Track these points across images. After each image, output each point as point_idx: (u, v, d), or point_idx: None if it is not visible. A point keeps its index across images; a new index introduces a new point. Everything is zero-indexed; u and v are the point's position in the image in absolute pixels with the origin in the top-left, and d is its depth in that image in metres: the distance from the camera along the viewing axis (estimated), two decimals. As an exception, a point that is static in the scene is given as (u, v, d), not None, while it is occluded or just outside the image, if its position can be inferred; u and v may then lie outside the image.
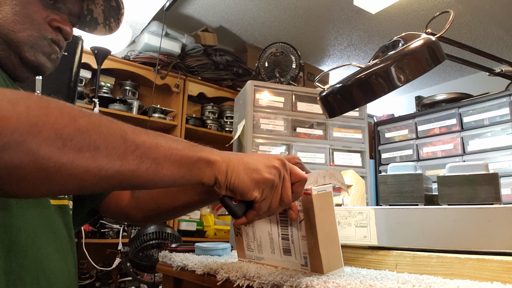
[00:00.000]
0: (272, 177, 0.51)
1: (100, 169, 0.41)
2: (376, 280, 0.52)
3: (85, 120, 0.41)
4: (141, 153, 0.44)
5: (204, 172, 0.49)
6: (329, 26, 2.98)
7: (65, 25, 0.68)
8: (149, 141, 0.45)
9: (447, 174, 0.67)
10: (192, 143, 0.50)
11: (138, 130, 0.45)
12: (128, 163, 0.43)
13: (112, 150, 0.42)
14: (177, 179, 0.47)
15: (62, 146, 0.38)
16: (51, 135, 0.38)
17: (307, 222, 0.58)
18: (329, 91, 0.73)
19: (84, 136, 0.40)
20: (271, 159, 0.54)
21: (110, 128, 0.42)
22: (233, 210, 0.53)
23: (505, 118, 2.03)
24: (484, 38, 3.02)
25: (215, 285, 0.65)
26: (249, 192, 0.51)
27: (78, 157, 0.39)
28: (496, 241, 0.54)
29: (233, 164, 0.51)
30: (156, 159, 0.45)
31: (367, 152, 1.88)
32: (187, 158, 0.47)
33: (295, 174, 0.56)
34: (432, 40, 0.68)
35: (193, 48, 2.83)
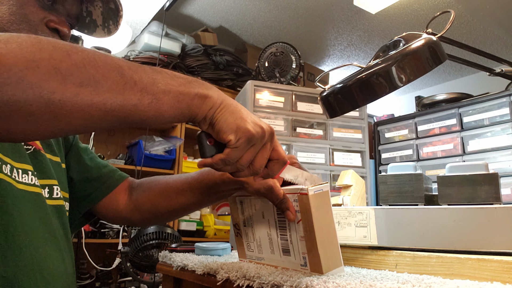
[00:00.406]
0: (253, 132, 0.50)
1: (105, 103, 0.41)
2: (376, 280, 0.52)
3: (79, 55, 0.40)
4: (141, 89, 0.43)
5: (200, 108, 0.49)
6: (329, 26, 2.98)
7: (63, 26, 0.68)
8: (146, 78, 0.44)
9: (447, 174, 0.67)
10: (190, 79, 0.49)
11: (134, 66, 0.45)
12: (130, 97, 0.42)
13: (112, 85, 0.41)
14: (177, 115, 0.47)
15: (63, 80, 0.38)
16: (49, 69, 0.38)
17: (304, 223, 0.58)
18: (330, 91, 0.73)
19: (82, 71, 0.39)
20: (262, 122, 0.53)
21: (106, 64, 0.42)
22: (204, 147, 0.52)
23: (505, 118, 2.03)
24: (484, 38, 3.02)
25: (215, 285, 0.65)
26: (226, 132, 0.50)
27: (81, 91, 0.39)
28: (496, 241, 0.54)
29: (226, 103, 0.50)
30: (156, 94, 0.44)
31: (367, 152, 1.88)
32: (184, 94, 0.47)
33: (277, 152, 0.55)
34: (433, 40, 0.68)
35: (193, 48, 2.83)
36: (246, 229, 0.71)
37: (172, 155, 2.57)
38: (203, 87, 0.49)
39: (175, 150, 2.59)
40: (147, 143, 2.48)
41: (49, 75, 0.37)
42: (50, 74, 0.37)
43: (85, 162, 0.82)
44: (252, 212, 0.69)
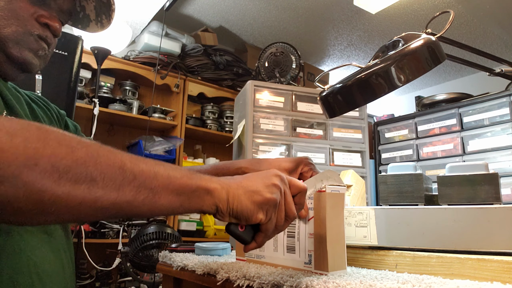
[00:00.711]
0: (273, 196, 0.51)
1: (96, 201, 0.41)
2: (376, 280, 0.52)
3: (83, 151, 0.40)
4: (139, 184, 0.43)
5: (204, 200, 0.48)
6: (329, 26, 2.98)
7: (53, 21, 0.67)
8: (147, 171, 0.44)
9: (447, 174, 0.67)
10: (192, 171, 0.49)
11: (137, 160, 0.44)
12: (124, 194, 0.42)
13: (109, 182, 0.41)
14: (175, 208, 0.47)
15: (58, 179, 0.38)
16: (47, 167, 0.38)
17: (317, 220, 0.59)
18: (329, 91, 0.73)
19: (81, 168, 0.39)
20: (269, 177, 0.53)
21: (108, 159, 0.42)
22: (241, 237, 0.52)
23: (505, 118, 2.03)
24: (484, 38, 3.02)
25: (215, 285, 0.65)
26: (253, 215, 0.50)
27: (74, 189, 0.39)
28: (496, 241, 0.54)
29: (233, 189, 0.50)
30: (154, 189, 0.44)
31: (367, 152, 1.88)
32: (185, 186, 0.47)
33: (295, 185, 0.56)
34: (432, 40, 0.68)
35: (193, 48, 2.83)
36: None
37: (172, 155, 2.57)
38: (205, 178, 0.49)
39: (175, 150, 2.59)
40: (147, 143, 2.48)
41: (46, 173, 0.38)
42: (47, 173, 0.38)
43: None
44: None
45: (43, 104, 0.81)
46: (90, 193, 0.40)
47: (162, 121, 2.62)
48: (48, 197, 0.38)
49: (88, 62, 2.35)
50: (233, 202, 0.49)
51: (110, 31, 2.18)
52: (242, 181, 0.52)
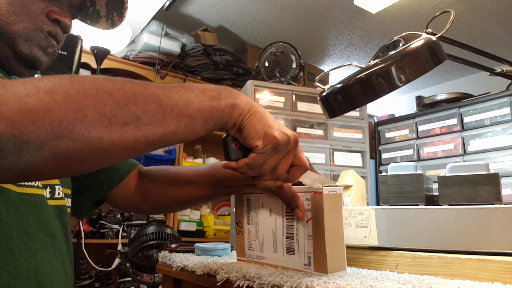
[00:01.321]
0: (279, 139, 0.52)
1: (147, 136, 0.44)
2: (376, 280, 0.52)
3: (120, 93, 0.42)
4: (177, 114, 0.46)
5: (229, 117, 0.51)
6: (329, 25, 2.98)
7: (64, 17, 0.65)
8: (181, 101, 0.47)
9: (447, 174, 0.67)
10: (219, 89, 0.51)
11: (169, 91, 0.47)
12: (168, 125, 0.45)
13: (152, 117, 0.44)
14: (210, 128, 0.50)
15: (108, 124, 0.41)
16: (96, 116, 0.40)
17: (315, 221, 0.58)
18: (330, 91, 0.73)
19: (125, 110, 0.42)
20: (287, 129, 0.55)
21: (145, 97, 0.44)
22: (230, 151, 0.54)
23: (505, 118, 2.03)
24: (484, 37, 3.02)
25: (215, 285, 0.65)
26: (254, 138, 0.52)
27: (125, 130, 0.42)
28: (497, 242, 0.54)
29: (254, 110, 0.52)
30: (191, 115, 0.47)
31: (368, 152, 1.88)
32: (216, 107, 0.49)
33: (300, 158, 0.57)
34: (432, 40, 0.67)
35: (193, 48, 2.83)
36: (250, 227, 0.71)
37: (172, 155, 2.57)
38: (232, 95, 0.51)
39: (175, 150, 2.60)
40: (147, 143, 2.48)
41: (96, 121, 0.40)
42: (97, 121, 0.40)
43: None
44: (258, 209, 0.69)
45: None
46: (140, 130, 0.43)
47: (162, 121, 2.61)
48: (106, 142, 0.41)
49: (87, 61, 2.34)
50: (248, 118, 0.52)
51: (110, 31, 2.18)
52: (266, 111, 0.54)
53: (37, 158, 0.38)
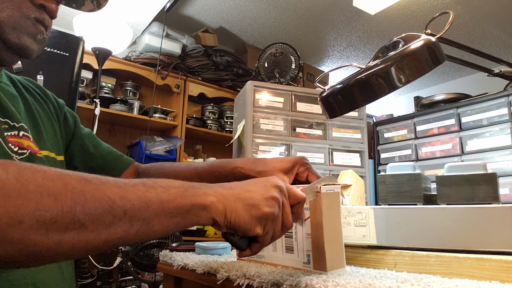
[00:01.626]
0: (272, 210, 0.50)
1: (87, 244, 0.39)
2: (375, 279, 0.53)
3: (68, 197, 0.38)
4: (130, 218, 0.41)
5: (200, 216, 0.47)
6: (329, 27, 2.98)
7: (50, 2, 0.63)
8: (138, 203, 0.42)
9: (445, 174, 0.68)
10: (186, 186, 0.47)
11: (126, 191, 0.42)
12: (116, 231, 0.41)
13: (98, 223, 0.39)
14: (170, 229, 0.45)
15: (46, 232, 0.37)
16: (33, 223, 0.36)
17: (313, 220, 0.59)
18: (330, 92, 0.74)
19: (68, 216, 0.38)
20: (268, 188, 0.52)
21: (95, 200, 0.39)
22: (237, 244, 0.52)
23: (503, 118, 2.04)
24: (482, 38, 3.03)
25: (215, 284, 0.66)
26: (251, 229, 0.49)
27: (64, 238, 0.38)
28: (495, 241, 0.54)
29: (230, 202, 0.49)
30: (146, 218, 0.42)
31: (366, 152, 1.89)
32: (179, 207, 0.45)
33: (294, 196, 0.55)
34: (432, 41, 0.68)
35: (194, 49, 2.83)
36: None
37: (172, 155, 2.58)
38: (200, 192, 0.47)
39: (176, 150, 2.60)
40: (147, 143, 2.48)
41: (32, 229, 0.36)
42: (33, 228, 0.36)
43: (89, 150, 0.80)
44: None
45: (39, 94, 0.77)
46: (80, 238, 0.39)
47: (163, 121, 2.62)
48: (39, 249, 0.37)
49: (89, 62, 2.35)
50: (230, 215, 0.48)
51: (111, 31, 2.18)
52: (241, 192, 0.50)
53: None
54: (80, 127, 0.83)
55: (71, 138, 0.80)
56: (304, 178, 0.69)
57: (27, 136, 0.65)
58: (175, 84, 2.70)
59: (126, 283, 2.24)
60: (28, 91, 0.74)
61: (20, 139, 0.63)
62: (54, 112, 0.78)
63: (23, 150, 0.64)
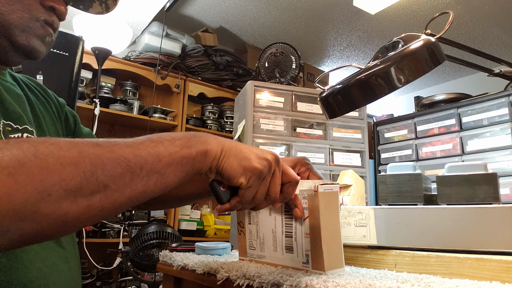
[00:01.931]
0: (260, 167, 0.51)
1: (114, 203, 0.42)
2: (375, 279, 0.53)
3: (86, 162, 0.39)
4: (146, 172, 0.44)
5: (203, 163, 0.50)
6: (329, 26, 2.98)
7: (59, 4, 0.63)
8: (150, 158, 0.45)
9: (446, 174, 0.68)
10: (189, 136, 0.50)
11: (137, 148, 0.44)
12: (136, 187, 0.43)
13: (120, 182, 0.42)
14: (183, 177, 0.48)
15: (74, 198, 0.38)
16: (61, 193, 0.37)
17: (311, 219, 0.59)
18: (329, 92, 0.74)
19: (92, 180, 0.39)
20: (265, 152, 0.54)
21: (113, 161, 0.41)
22: (219, 194, 0.54)
23: (504, 118, 2.04)
24: (483, 38, 3.03)
25: (215, 284, 0.65)
26: (236, 177, 0.51)
27: (91, 201, 0.40)
28: (495, 241, 0.54)
29: (226, 149, 0.51)
30: (160, 171, 0.45)
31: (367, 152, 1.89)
32: (187, 156, 0.48)
33: (287, 174, 0.56)
34: (432, 41, 0.68)
35: (193, 49, 2.83)
36: (251, 226, 0.71)
37: (172, 155, 2.58)
38: (201, 140, 0.50)
39: (175, 150, 2.60)
40: (147, 143, 2.48)
41: (61, 199, 0.37)
42: (62, 198, 0.37)
43: None
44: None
45: (41, 93, 0.77)
46: (107, 198, 0.41)
47: (163, 121, 2.62)
48: (71, 217, 0.38)
49: (89, 62, 2.35)
50: (222, 159, 0.51)
51: (111, 31, 2.18)
52: (238, 145, 0.53)
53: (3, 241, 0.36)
54: (80, 127, 0.83)
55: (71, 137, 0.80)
56: (305, 178, 0.69)
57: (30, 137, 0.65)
58: (175, 84, 2.70)
59: (126, 283, 2.24)
60: (31, 90, 0.74)
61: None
62: (56, 111, 0.78)
63: None
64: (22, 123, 0.65)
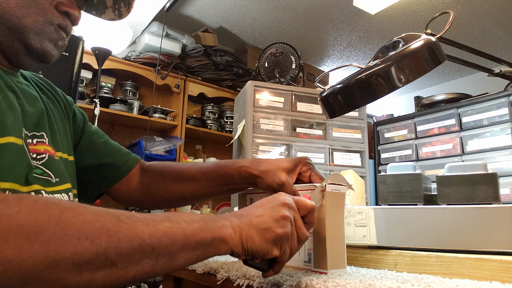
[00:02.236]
0: (285, 230, 0.50)
1: (116, 280, 0.41)
2: (375, 279, 0.53)
3: (103, 239, 0.39)
4: (157, 254, 0.43)
5: (219, 249, 0.49)
6: (329, 26, 2.98)
7: (73, 9, 0.64)
8: (165, 239, 0.44)
9: (446, 174, 0.68)
10: (207, 219, 0.49)
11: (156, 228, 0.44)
12: (143, 267, 0.42)
13: (128, 261, 0.41)
14: (192, 262, 0.47)
15: (79, 273, 0.38)
16: (69, 266, 0.37)
17: (316, 218, 0.59)
18: (330, 92, 0.74)
19: (102, 257, 0.39)
20: (277, 208, 0.52)
21: (127, 240, 0.41)
22: (259, 267, 0.53)
23: (504, 118, 2.04)
24: (483, 38, 3.03)
25: (215, 284, 0.65)
26: (269, 253, 0.50)
27: (96, 276, 0.39)
28: (495, 241, 0.54)
29: (245, 231, 0.50)
30: (171, 254, 0.44)
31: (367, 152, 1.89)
32: (202, 241, 0.47)
33: (303, 207, 0.55)
34: (432, 40, 0.68)
35: (193, 49, 2.83)
36: None
37: (172, 155, 2.58)
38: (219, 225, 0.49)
39: (176, 150, 2.60)
40: (147, 143, 2.48)
41: (67, 270, 0.37)
42: (68, 270, 0.37)
43: (99, 148, 0.81)
44: None
45: (51, 92, 0.77)
46: (111, 275, 0.40)
47: (163, 121, 2.62)
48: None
49: (89, 62, 2.35)
50: (247, 243, 0.49)
51: (111, 31, 2.18)
52: (252, 219, 0.51)
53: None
54: (88, 125, 0.84)
55: (80, 136, 0.81)
56: (307, 178, 0.69)
57: (40, 141, 0.65)
58: (175, 84, 2.70)
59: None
60: (41, 89, 0.74)
61: (35, 146, 0.64)
62: (64, 109, 0.78)
63: (42, 155, 0.65)
64: (31, 130, 0.64)
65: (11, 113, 0.58)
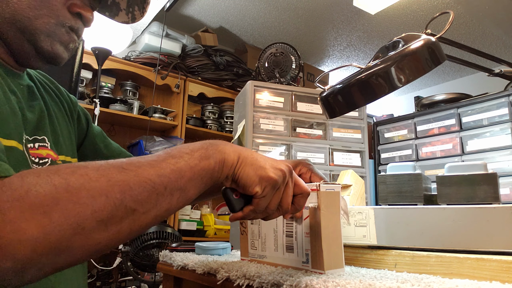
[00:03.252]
0: (276, 177, 0.51)
1: (141, 225, 0.43)
2: (375, 279, 0.53)
3: (116, 190, 0.40)
4: (170, 191, 0.44)
5: (220, 173, 0.50)
6: (329, 26, 2.98)
7: (86, 10, 0.63)
8: (173, 175, 0.45)
9: (446, 174, 0.68)
10: (206, 145, 0.50)
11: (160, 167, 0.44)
12: (161, 206, 0.44)
13: (147, 205, 0.42)
14: (202, 189, 0.49)
15: (105, 228, 0.39)
16: (93, 225, 0.38)
17: (312, 219, 0.59)
18: (330, 92, 0.74)
19: (121, 208, 0.40)
20: (280, 163, 0.54)
21: (139, 186, 0.42)
22: (232, 203, 0.54)
23: (504, 118, 2.04)
24: (483, 38, 3.03)
25: (215, 284, 0.66)
26: (252, 186, 0.51)
27: (121, 227, 0.41)
28: (495, 241, 0.54)
29: (243, 157, 0.51)
30: (182, 187, 0.46)
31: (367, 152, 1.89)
32: (206, 168, 0.48)
33: (299, 186, 0.56)
34: (432, 40, 0.68)
35: (193, 49, 2.83)
36: (253, 226, 0.72)
37: (172, 155, 2.57)
38: (219, 149, 0.50)
39: (175, 150, 2.60)
40: (147, 143, 2.48)
41: (94, 230, 0.38)
42: (94, 229, 0.39)
43: (102, 151, 0.81)
44: None
45: (55, 91, 0.76)
46: (135, 222, 0.42)
47: (163, 121, 2.62)
48: (103, 245, 0.40)
49: (89, 62, 2.35)
50: (239, 168, 0.51)
51: (111, 31, 2.18)
52: (253, 154, 0.53)
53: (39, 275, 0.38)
54: (92, 126, 0.83)
55: (83, 138, 0.80)
56: (307, 179, 0.70)
57: (42, 145, 0.65)
58: (175, 84, 2.70)
59: (125, 283, 2.24)
60: (45, 89, 0.73)
61: (37, 150, 0.63)
62: (68, 110, 0.77)
63: (44, 159, 0.64)
64: (32, 134, 0.64)
65: (14, 117, 0.58)
